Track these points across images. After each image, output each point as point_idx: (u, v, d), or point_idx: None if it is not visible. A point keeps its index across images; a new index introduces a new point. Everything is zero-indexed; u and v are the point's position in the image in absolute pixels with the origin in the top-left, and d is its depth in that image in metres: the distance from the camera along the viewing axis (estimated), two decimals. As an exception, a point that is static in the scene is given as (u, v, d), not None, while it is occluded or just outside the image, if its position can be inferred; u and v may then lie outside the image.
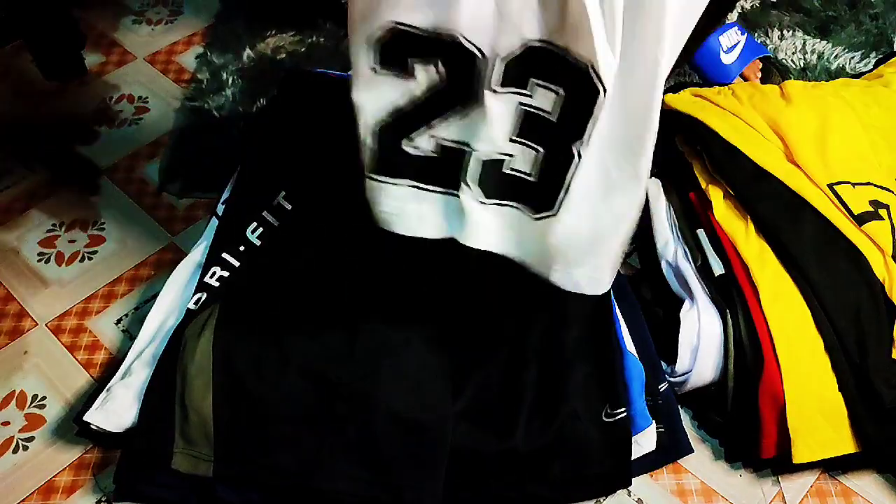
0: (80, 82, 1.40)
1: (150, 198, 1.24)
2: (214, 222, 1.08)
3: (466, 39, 0.72)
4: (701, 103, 1.11)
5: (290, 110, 1.16)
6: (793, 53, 1.42)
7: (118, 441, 0.93)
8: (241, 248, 1.02)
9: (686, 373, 0.95)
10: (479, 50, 0.73)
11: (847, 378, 0.89)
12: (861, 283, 0.93)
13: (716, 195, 1.02)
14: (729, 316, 0.94)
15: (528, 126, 0.78)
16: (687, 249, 1.03)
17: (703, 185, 1.04)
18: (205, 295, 0.98)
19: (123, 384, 0.93)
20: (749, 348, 0.92)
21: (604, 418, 0.90)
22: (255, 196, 1.07)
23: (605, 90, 0.72)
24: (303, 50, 1.43)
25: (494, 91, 0.76)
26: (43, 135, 1.33)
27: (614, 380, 0.91)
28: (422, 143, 0.81)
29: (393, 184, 0.84)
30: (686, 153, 1.09)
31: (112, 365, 1.03)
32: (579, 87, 0.73)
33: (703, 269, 1.00)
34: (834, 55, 1.41)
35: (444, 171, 0.82)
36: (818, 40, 1.44)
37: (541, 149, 0.80)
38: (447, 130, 0.79)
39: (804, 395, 0.89)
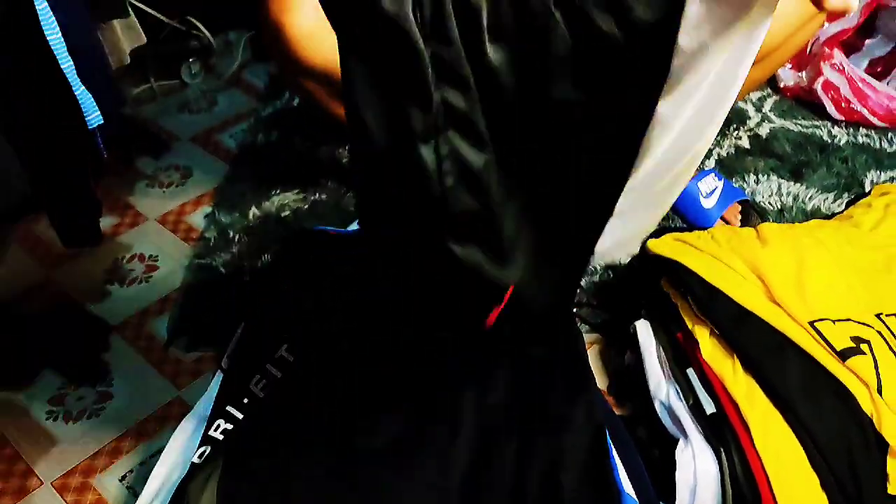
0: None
1: (158, 353, 1.27)
2: (220, 376, 1.12)
3: None
4: (682, 247, 1.16)
5: (291, 267, 1.22)
6: (769, 196, 1.49)
7: None
8: (245, 400, 1.05)
9: (685, 513, 0.95)
10: None
11: (845, 516, 0.90)
12: (850, 420, 0.95)
13: (702, 335, 1.06)
14: (723, 454, 0.95)
15: None
16: (678, 389, 1.05)
17: (690, 325, 1.08)
18: (209, 448, 1.00)
19: (126, 543, 0.93)
20: (746, 486, 0.92)
21: (605, 563, 0.90)
22: (258, 349, 1.11)
23: None
24: (306, 207, 1.51)
25: None
26: (56, 296, 1.38)
27: (614, 523, 0.92)
28: None
29: None
30: (672, 295, 1.13)
31: (115, 523, 1.04)
32: None
33: (696, 408, 1.02)
34: (808, 197, 1.48)
35: None
36: (792, 183, 1.51)
37: None
38: None
39: (804, 534, 0.89)
